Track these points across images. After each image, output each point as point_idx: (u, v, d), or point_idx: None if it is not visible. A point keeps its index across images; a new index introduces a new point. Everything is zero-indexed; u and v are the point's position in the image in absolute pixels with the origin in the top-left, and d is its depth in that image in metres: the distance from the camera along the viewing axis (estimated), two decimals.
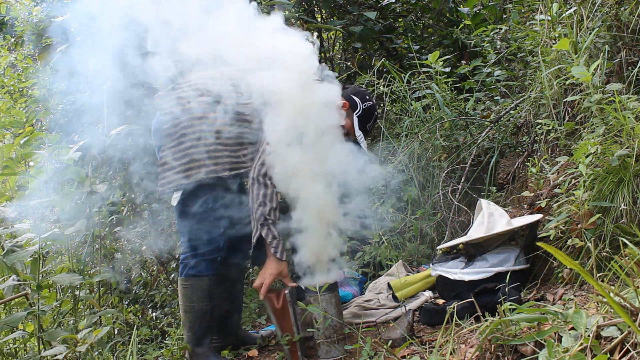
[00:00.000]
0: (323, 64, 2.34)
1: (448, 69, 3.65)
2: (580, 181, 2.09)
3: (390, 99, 3.84)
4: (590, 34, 2.40)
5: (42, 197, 2.41)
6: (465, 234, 2.62)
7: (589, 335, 1.28)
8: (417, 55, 4.08)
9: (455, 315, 1.76)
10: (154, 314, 3.40)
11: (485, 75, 3.67)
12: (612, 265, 1.57)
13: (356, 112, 2.51)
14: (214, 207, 2.29)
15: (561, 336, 1.37)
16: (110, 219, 3.24)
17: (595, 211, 2.03)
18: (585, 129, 2.32)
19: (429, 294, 2.61)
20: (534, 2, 3.34)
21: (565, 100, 2.51)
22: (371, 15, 4.31)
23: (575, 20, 2.53)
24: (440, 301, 2.48)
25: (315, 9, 4.75)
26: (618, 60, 2.42)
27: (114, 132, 2.56)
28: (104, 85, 2.57)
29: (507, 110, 3.30)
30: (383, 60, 3.96)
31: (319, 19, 4.88)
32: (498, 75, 3.59)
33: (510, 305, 1.55)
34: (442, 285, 2.50)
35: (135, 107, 2.55)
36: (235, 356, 2.50)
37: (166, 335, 2.89)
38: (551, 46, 2.66)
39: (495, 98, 3.70)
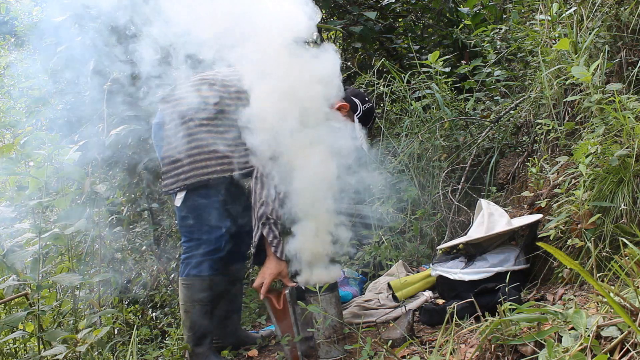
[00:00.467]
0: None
1: (448, 69, 3.65)
2: (580, 181, 2.09)
3: (390, 99, 3.84)
4: (590, 34, 2.40)
5: (42, 197, 2.41)
6: (465, 234, 2.62)
7: (589, 335, 1.28)
8: (417, 55, 4.08)
9: (455, 315, 1.76)
10: (154, 314, 3.40)
11: (485, 75, 3.67)
12: (612, 265, 1.57)
13: (357, 114, 2.54)
14: (215, 207, 2.29)
15: (561, 336, 1.37)
16: (110, 219, 3.25)
17: (595, 211, 2.03)
18: (585, 129, 2.32)
19: (429, 294, 2.61)
20: (534, 2, 3.34)
21: (565, 100, 2.51)
22: (371, 15, 4.31)
23: (575, 20, 2.53)
24: (440, 301, 2.48)
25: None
26: (618, 60, 2.42)
27: (114, 132, 2.56)
28: (104, 85, 2.57)
29: (507, 110, 3.30)
30: (383, 60, 3.96)
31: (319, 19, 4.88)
32: (498, 75, 3.59)
33: (510, 305, 1.55)
34: (442, 285, 2.50)
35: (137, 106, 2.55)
36: (235, 356, 2.50)
37: (166, 335, 2.89)
38: (551, 46, 2.66)
39: (495, 98, 3.70)
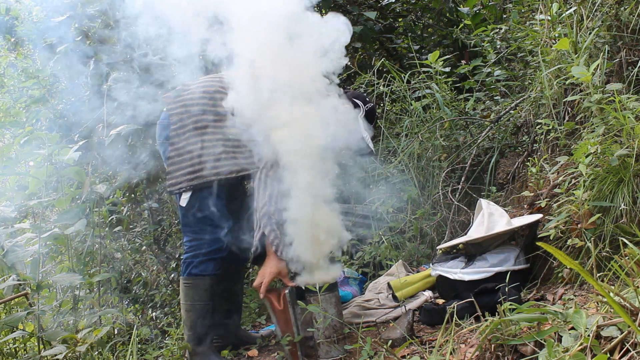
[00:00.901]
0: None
1: (448, 69, 3.66)
2: (580, 181, 2.09)
3: (390, 99, 3.84)
4: (590, 33, 2.40)
5: (42, 197, 2.41)
6: (465, 234, 2.62)
7: (588, 335, 1.28)
8: (417, 55, 4.08)
9: (455, 315, 1.76)
10: (154, 314, 3.40)
11: (485, 75, 3.67)
12: (612, 265, 1.57)
13: (360, 115, 2.54)
14: (219, 208, 2.30)
15: (561, 336, 1.37)
16: (110, 219, 3.25)
17: (595, 211, 2.03)
18: (585, 129, 2.32)
19: (429, 293, 2.61)
20: (534, 2, 3.34)
21: (565, 100, 2.51)
22: (371, 15, 4.31)
23: (575, 20, 2.53)
24: (440, 301, 2.48)
25: (315, 8, 4.75)
26: (618, 60, 2.42)
27: (114, 132, 2.56)
28: (104, 85, 2.57)
29: (507, 110, 3.30)
30: (383, 60, 3.96)
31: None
32: (498, 75, 3.59)
33: (510, 305, 1.55)
34: (442, 285, 2.50)
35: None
36: (235, 356, 2.51)
37: (166, 335, 2.89)
38: (551, 46, 2.66)
39: (495, 98, 3.70)
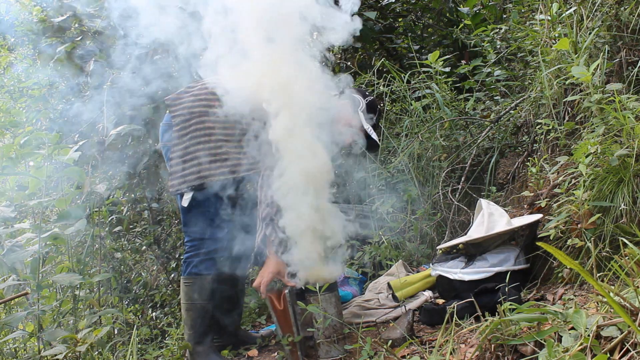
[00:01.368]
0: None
1: (448, 69, 3.65)
2: (580, 181, 2.09)
3: (390, 99, 3.84)
4: (590, 33, 2.40)
5: (42, 197, 2.41)
6: (465, 234, 2.62)
7: (588, 335, 1.28)
8: (417, 55, 4.08)
9: (455, 315, 1.76)
10: (154, 314, 3.40)
11: (485, 75, 3.67)
12: (612, 265, 1.57)
13: (360, 108, 2.54)
14: (220, 208, 2.31)
15: (561, 336, 1.37)
16: (110, 219, 3.25)
17: (595, 211, 2.03)
18: (585, 129, 2.32)
19: (429, 293, 2.61)
20: (534, 2, 3.34)
21: (565, 100, 2.51)
22: (371, 15, 4.31)
23: (575, 20, 2.53)
24: (440, 301, 2.48)
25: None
26: (618, 60, 2.42)
27: (114, 132, 2.56)
28: (104, 85, 2.58)
29: (507, 110, 3.30)
30: (383, 60, 3.96)
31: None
32: (498, 75, 3.59)
33: (510, 305, 1.55)
34: (442, 285, 2.50)
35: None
36: (235, 356, 2.51)
37: (166, 335, 2.90)
38: (551, 46, 2.66)
39: (495, 98, 3.70)
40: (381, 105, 3.41)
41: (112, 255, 3.34)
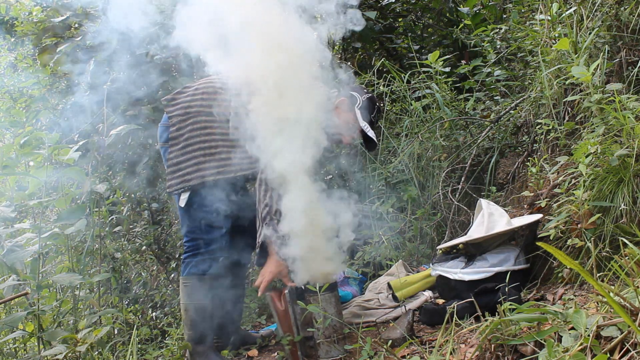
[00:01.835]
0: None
1: (448, 69, 3.65)
2: (580, 181, 2.09)
3: (390, 99, 3.84)
4: (590, 33, 2.40)
5: (42, 197, 2.41)
6: (465, 234, 2.62)
7: (589, 335, 1.28)
8: (417, 55, 4.08)
9: (455, 315, 1.76)
10: (154, 314, 3.40)
11: (485, 75, 3.67)
12: (612, 265, 1.57)
13: (357, 105, 2.53)
14: (218, 208, 2.31)
15: (561, 336, 1.37)
16: (110, 219, 3.25)
17: (595, 211, 2.03)
18: (585, 129, 2.32)
19: (429, 293, 2.61)
20: (534, 2, 3.34)
21: (565, 100, 2.51)
22: (371, 15, 4.31)
23: (575, 20, 2.53)
24: (440, 301, 2.48)
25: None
26: (618, 60, 2.42)
27: (114, 132, 2.56)
28: (104, 85, 2.57)
29: (507, 110, 3.30)
30: (383, 60, 3.96)
31: (318, 19, 4.88)
32: (498, 75, 3.59)
33: (510, 305, 1.55)
34: (442, 285, 2.50)
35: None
36: (235, 356, 2.51)
37: (166, 335, 2.89)
38: (551, 46, 2.66)
39: (495, 98, 3.70)
40: (381, 105, 3.41)
41: (112, 255, 3.34)
